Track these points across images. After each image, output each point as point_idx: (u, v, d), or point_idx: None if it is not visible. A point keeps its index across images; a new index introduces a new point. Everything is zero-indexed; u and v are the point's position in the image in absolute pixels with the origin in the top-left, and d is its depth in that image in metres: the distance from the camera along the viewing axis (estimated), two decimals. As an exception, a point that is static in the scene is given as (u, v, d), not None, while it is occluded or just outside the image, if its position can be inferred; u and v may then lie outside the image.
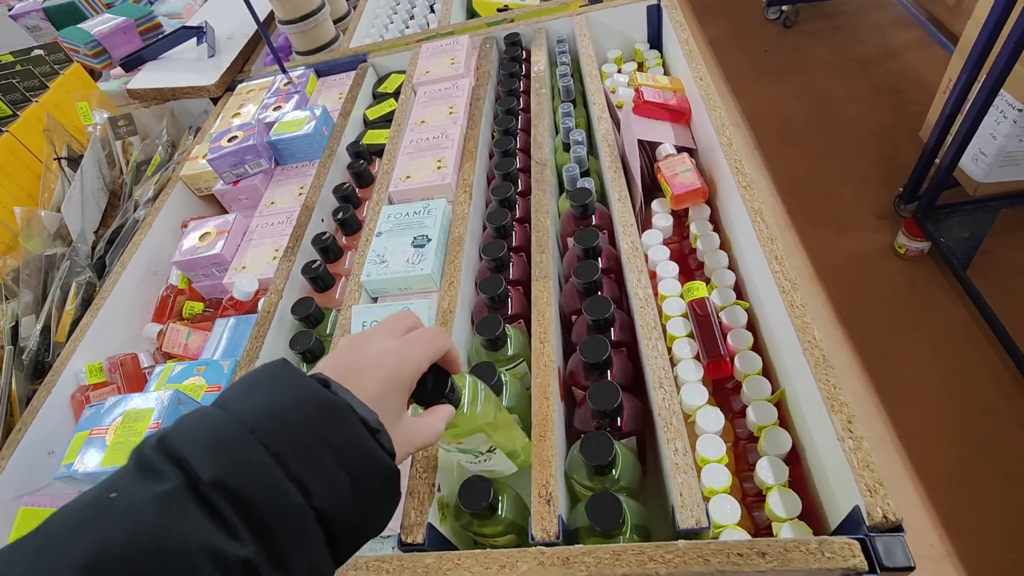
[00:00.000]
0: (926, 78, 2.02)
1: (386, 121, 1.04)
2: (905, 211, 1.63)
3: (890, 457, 1.31)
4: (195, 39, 1.31)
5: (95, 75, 1.37)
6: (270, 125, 1.03)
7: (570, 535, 0.51)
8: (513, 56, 1.00)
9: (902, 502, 1.24)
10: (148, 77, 1.27)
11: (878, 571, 0.39)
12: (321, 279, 0.76)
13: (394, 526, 0.49)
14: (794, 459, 0.55)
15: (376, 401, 0.33)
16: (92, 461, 0.56)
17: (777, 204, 1.82)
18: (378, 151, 0.97)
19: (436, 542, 0.51)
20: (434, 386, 0.40)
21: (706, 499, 0.51)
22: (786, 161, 1.93)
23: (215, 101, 1.24)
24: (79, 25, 1.37)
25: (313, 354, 0.68)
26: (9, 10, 1.78)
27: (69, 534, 0.24)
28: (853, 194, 1.78)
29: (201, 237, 0.92)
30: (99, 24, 1.35)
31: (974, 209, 1.47)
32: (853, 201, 1.76)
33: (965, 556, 1.16)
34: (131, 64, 1.32)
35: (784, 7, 2.32)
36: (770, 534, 0.51)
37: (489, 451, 0.50)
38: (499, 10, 1.21)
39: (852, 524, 0.44)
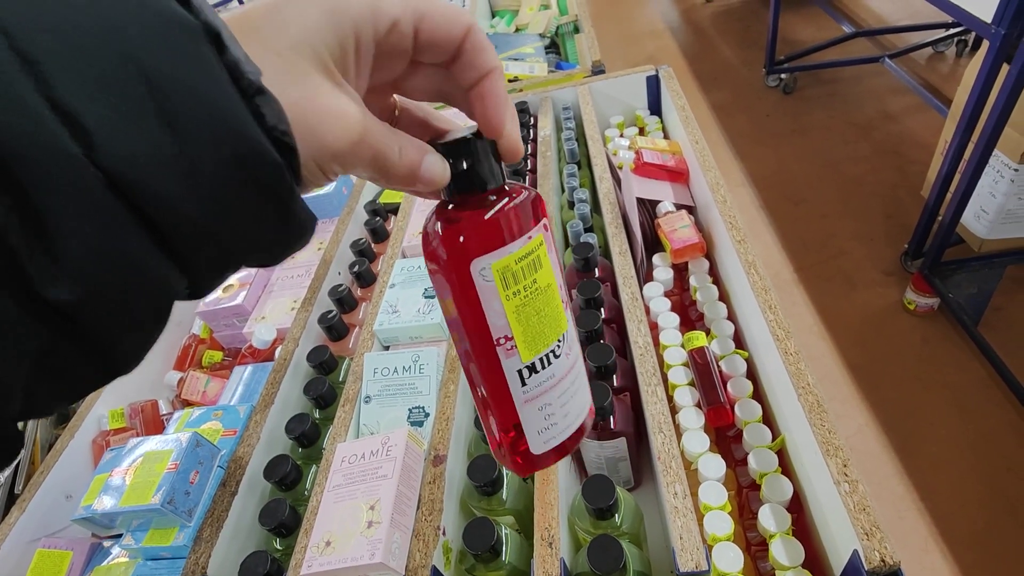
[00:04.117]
0: (924, 140, 2.08)
1: (403, 182, 1.11)
2: (912, 267, 1.64)
3: (913, 520, 1.26)
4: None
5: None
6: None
7: (572, 581, 0.51)
8: (521, 122, 1.07)
9: (929, 567, 1.18)
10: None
11: (877, 616, 0.39)
12: (336, 328, 0.79)
13: (397, 566, 0.50)
14: (797, 507, 0.55)
15: (290, 49, 0.20)
16: (110, 501, 0.58)
17: (784, 261, 1.85)
18: (394, 209, 1.03)
19: (439, 587, 0.52)
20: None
21: (709, 546, 0.51)
22: (792, 220, 1.97)
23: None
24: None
25: (325, 400, 0.71)
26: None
27: None
28: (860, 251, 1.80)
29: (224, 289, 0.97)
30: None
31: (981, 265, 1.48)
32: (860, 258, 1.78)
33: (999, 627, 1.10)
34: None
35: (783, 75, 2.43)
36: (774, 583, 0.50)
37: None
38: (510, 80, 1.31)
39: (853, 570, 0.44)
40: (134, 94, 0.16)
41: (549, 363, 0.27)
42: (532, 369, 0.26)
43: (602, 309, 0.71)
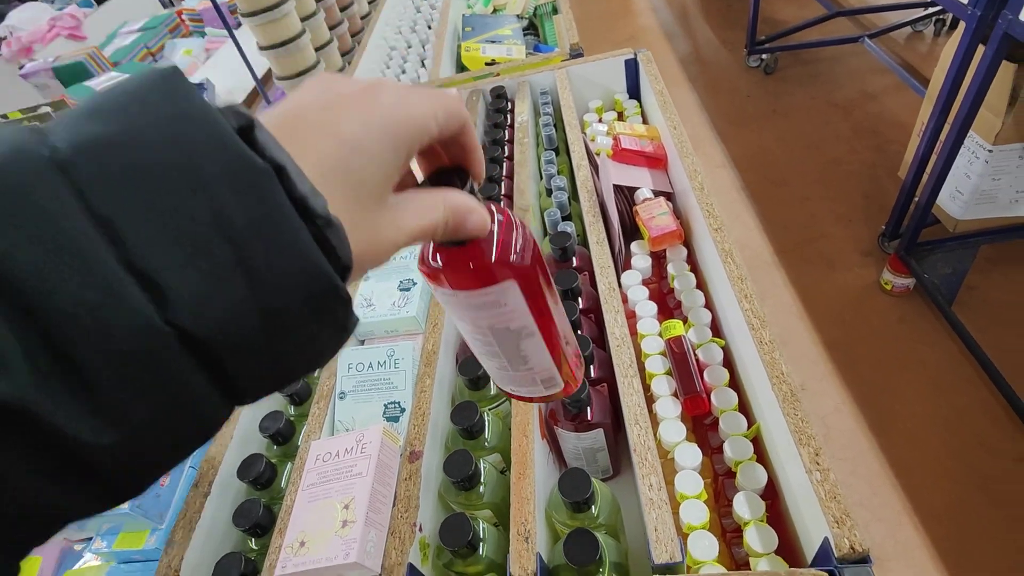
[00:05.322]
0: (903, 120, 2.09)
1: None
2: (889, 248, 1.66)
3: (887, 495, 1.30)
4: (198, 95, 1.38)
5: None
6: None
7: (550, 573, 0.51)
8: (498, 108, 1.05)
9: (902, 541, 1.22)
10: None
11: (846, 603, 0.40)
12: (311, 322, 0.78)
13: (373, 564, 0.50)
14: (771, 494, 0.56)
15: (345, 165, 0.20)
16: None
17: (764, 243, 1.86)
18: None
19: (417, 583, 0.52)
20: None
21: (685, 535, 0.52)
22: (773, 201, 1.98)
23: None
24: (85, 83, 1.45)
25: (300, 396, 0.70)
26: (20, 68, 1.87)
27: None
28: (839, 232, 1.82)
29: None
30: (105, 81, 1.43)
31: (956, 246, 1.50)
32: (839, 239, 1.80)
33: (968, 597, 1.13)
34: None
35: (764, 55, 2.42)
36: (748, 570, 0.51)
37: None
38: (487, 64, 1.28)
39: (824, 557, 0.45)
40: (211, 250, 0.16)
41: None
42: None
43: (580, 299, 0.70)
